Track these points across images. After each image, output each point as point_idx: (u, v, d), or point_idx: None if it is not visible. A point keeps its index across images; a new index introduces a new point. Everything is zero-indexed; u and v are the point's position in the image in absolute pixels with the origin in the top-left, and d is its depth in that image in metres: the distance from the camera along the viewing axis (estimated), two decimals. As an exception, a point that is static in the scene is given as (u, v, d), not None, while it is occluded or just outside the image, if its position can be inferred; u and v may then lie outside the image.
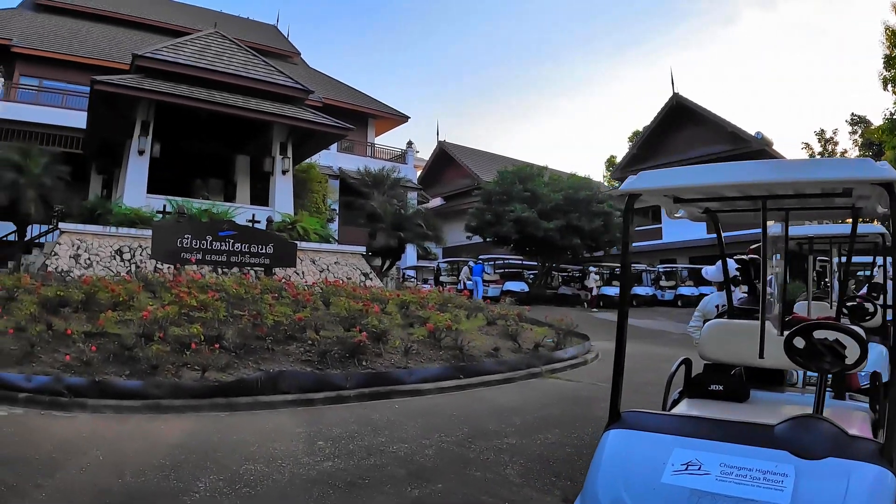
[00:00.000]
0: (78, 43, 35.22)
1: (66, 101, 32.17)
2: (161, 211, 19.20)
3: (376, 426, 7.67)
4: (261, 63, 23.43)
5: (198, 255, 15.83)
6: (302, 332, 10.95)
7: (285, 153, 22.75)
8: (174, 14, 42.12)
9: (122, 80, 20.08)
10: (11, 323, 9.86)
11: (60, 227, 17.36)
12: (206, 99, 20.55)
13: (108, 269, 16.57)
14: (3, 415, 7.40)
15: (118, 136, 23.21)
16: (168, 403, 8.06)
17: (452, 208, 46.21)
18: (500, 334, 13.51)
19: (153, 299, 12.09)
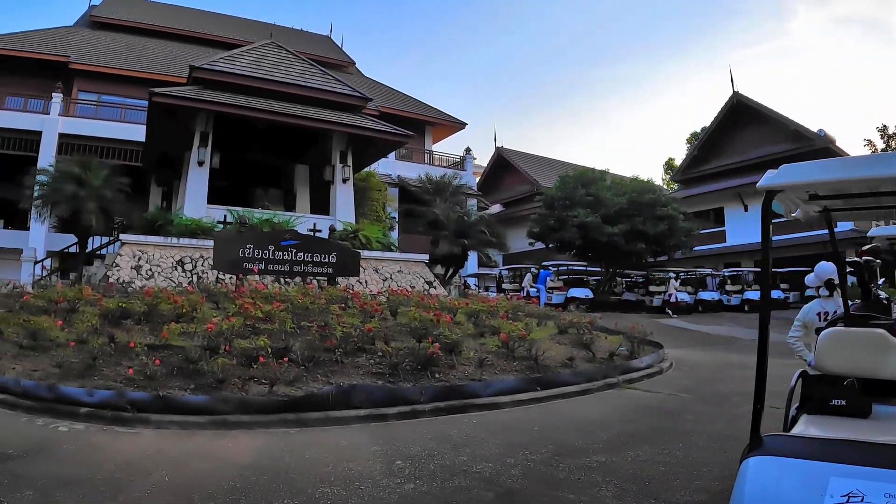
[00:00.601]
0: (134, 58, 36.04)
1: (124, 114, 32.99)
2: (222, 221, 19.15)
3: (455, 443, 7.20)
4: (318, 72, 23.39)
5: (260, 265, 15.63)
6: (371, 344, 10.56)
7: (345, 161, 22.59)
8: (229, 27, 42.81)
9: (179, 91, 20.22)
10: (73, 335, 9.74)
11: (122, 238, 17.42)
12: (264, 108, 20.51)
13: (169, 279, 16.50)
14: (63, 430, 7.17)
15: (177, 147, 23.38)
16: (235, 419, 7.71)
17: (512, 214, 45.70)
18: (572, 343, 12.96)
19: (216, 310, 11.93)
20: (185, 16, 44.10)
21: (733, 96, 41.72)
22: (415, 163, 39.52)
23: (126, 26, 40.05)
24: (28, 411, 7.73)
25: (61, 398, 7.79)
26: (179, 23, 42.16)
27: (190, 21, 42.96)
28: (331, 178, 22.48)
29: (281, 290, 14.43)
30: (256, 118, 20.97)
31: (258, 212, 20.31)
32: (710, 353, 15.43)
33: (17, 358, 9.34)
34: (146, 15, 42.19)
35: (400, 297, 14.72)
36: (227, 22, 44.86)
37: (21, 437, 6.79)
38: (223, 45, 34.75)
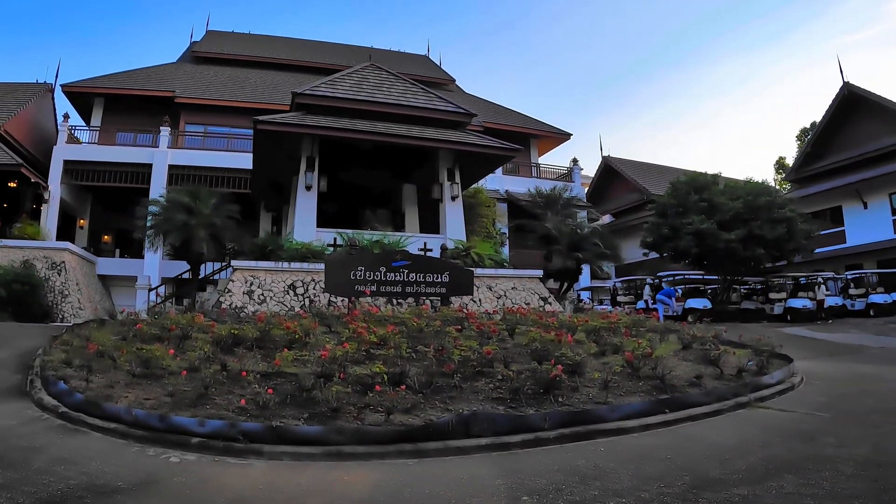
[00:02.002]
0: (237, 89, 37.71)
1: (230, 144, 34.35)
2: (332, 244, 19.38)
3: (584, 475, 6.71)
4: (419, 91, 23.55)
5: (372, 287, 15.57)
6: (490, 367, 10.19)
7: (453, 179, 22.51)
8: (327, 54, 43.97)
9: (283, 118, 20.73)
10: (185, 363, 9.77)
11: (233, 264, 17.77)
12: (368, 130, 20.70)
13: (281, 303, 16.68)
14: (174, 461, 7.10)
15: (284, 173, 23.92)
16: (350, 450, 7.46)
17: (623, 224, 44.84)
18: (697, 359, 12.26)
19: (329, 334, 11.86)
20: (283, 45, 45.59)
21: (844, 87, 40.09)
22: (522, 177, 39.51)
23: (227, 59, 42.10)
24: (139, 441, 7.74)
25: (173, 428, 7.77)
26: (278, 52, 43.65)
27: (289, 50, 44.34)
28: (439, 197, 22.49)
29: (394, 311, 14.34)
30: (361, 140, 21.18)
31: (368, 233, 20.38)
32: (839, 364, 14.54)
33: (129, 386, 9.44)
34: (245, 47, 44.00)
35: (516, 316, 14.40)
36: (325, 48, 46.02)
37: (131, 468, 6.77)
38: (323, 71, 35.49)
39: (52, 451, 7.31)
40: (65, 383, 9.66)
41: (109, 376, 10.01)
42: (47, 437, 7.94)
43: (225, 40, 45.70)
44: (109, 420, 8.28)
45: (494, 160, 24.36)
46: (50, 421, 8.78)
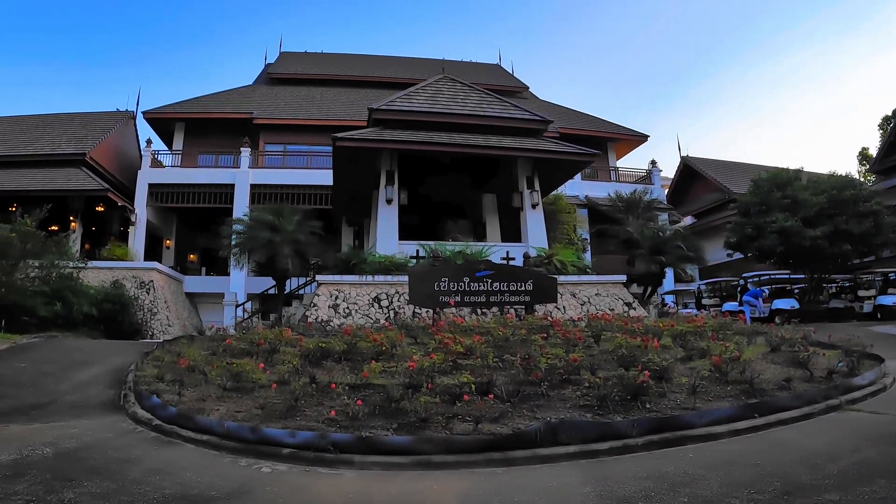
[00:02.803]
0: (313, 107, 38.65)
1: (309, 161, 34.86)
2: (414, 256, 19.62)
3: (673, 482, 6.57)
4: (494, 100, 23.69)
5: (456, 298, 15.61)
6: (577, 374, 10.12)
7: (532, 187, 22.56)
8: (400, 68, 44.44)
9: (361, 134, 21.13)
10: (275, 377, 9.98)
11: (318, 279, 18.13)
12: (446, 142, 20.99)
13: (366, 316, 16.89)
14: (266, 471, 7.23)
15: (364, 187, 24.30)
16: (439, 460, 7.48)
17: (705, 225, 43.89)
18: (786, 361, 11.90)
19: (415, 346, 11.93)
20: (355, 62, 46.30)
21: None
22: (600, 181, 39.33)
23: (301, 79, 43.11)
24: (231, 452, 7.92)
25: (264, 439, 7.91)
26: (351, 69, 44.35)
27: (361, 67, 45.02)
28: (519, 205, 22.58)
29: (479, 321, 14.35)
30: (439, 152, 21.49)
31: (450, 244, 20.53)
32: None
33: (220, 400, 9.70)
34: (318, 66, 44.97)
35: (601, 322, 14.38)
36: (397, 63, 46.50)
37: (224, 478, 6.92)
38: (397, 86, 35.93)
39: (147, 463, 7.53)
40: (158, 397, 9.95)
41: (201, 390, 10.31)
42: (142, 449, 8.18)
43: (298, 61, 46.79)
44: (202, 432, 8.49)
45: (573, 166, 24.26)
46: (144, 433, 9.04)
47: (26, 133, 37.26)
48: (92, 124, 37.54)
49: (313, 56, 48.81)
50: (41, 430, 9.35)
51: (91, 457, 7.80)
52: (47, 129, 37.42)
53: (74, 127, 37.38)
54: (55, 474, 7.06)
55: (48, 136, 36.28)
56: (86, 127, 37.11)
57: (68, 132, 36.64)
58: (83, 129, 36.75)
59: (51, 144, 35.10)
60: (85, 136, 35.48)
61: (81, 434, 9.01)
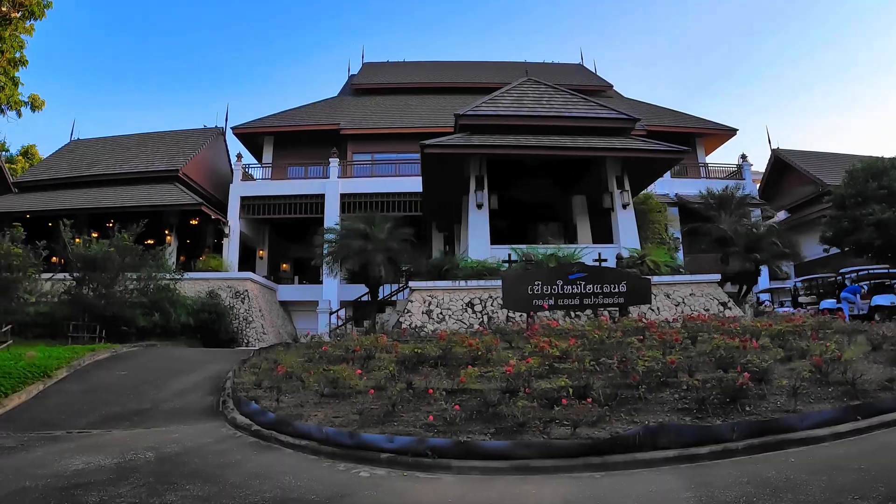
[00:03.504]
0: (399, 116, 39.01)
1: (398, 169, 35.25)
2: (506, 260, 19.55)
3: (775, 487, 6.33)
4: (580, 100, 23.52)
5: (549, 301, 15.42)
6: (674, 377, 9.88)
7: (622, 186, 22.25)
8: (482, 73, 44.51)
9: (449, 140, 21.23)
10: (372, 383, 10.06)
11: (411, 285, 18.29)
12: (534, 145, 20.89)
13: (460, 321, 16.90)
14: (365, 476, 7.25)
15: (453, 193, 24.31)
16: (538, 464, 7.40)
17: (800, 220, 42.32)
18: (888, 361, 11.32)
19: (509, 350, 11.87)
20: (438, 69, 46.52)
21: None
22: (690, 178, 38.40)
23: (385, 88, 43.69)
24: (329, 457, 7.99)
25: (362, 444, 7.96)
26: (434, 77, 44.61)
27: (444, 73, 45.22)
28: (610, 206, 22.29)
29: (573, 325, 14.26)
30: (527, 155, 21.42)
31: (542, 247, 20.45)
32: None
33: (318, 406, 9.80)
34: (402, 75, 45.47)
35: (697, 323, 14.10)
36: (480, 67, 46.57)
37: (323, 482, 6.96)
38: (481, 90, 36.09)
39: (247, 467, 7.65)
40: (257, 403, 10.13)
41: (298, 396, 10.45)
42: (242, 454, 8.32)
43: (381, 70, 47.37)
44: (300, 437, 8.59)
45: (662, 164, 23.91)
46: (243, 438, 9.22)
47: (122, 153, 39.07)
48: (183, 141, 38.99)
49: (395, 65, 49.31)
50: (143, 435, 9.62)
51: (192, 461, 7.99)
52: (141, 148, 39.11)
53: (167, 145, 38.87)
54: (157, 478, 7.26)
55: (142, 155, 37.87)
56: (178, 144, 38.55)
57: (161, 150, 38.12)
58: (175, 147, 38.18)
59: (145, 162, 36.58)
60: (177, 153, 36.83)
61: (182, 439, 9.24)
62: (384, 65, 49.43)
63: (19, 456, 8.61)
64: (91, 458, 8.26)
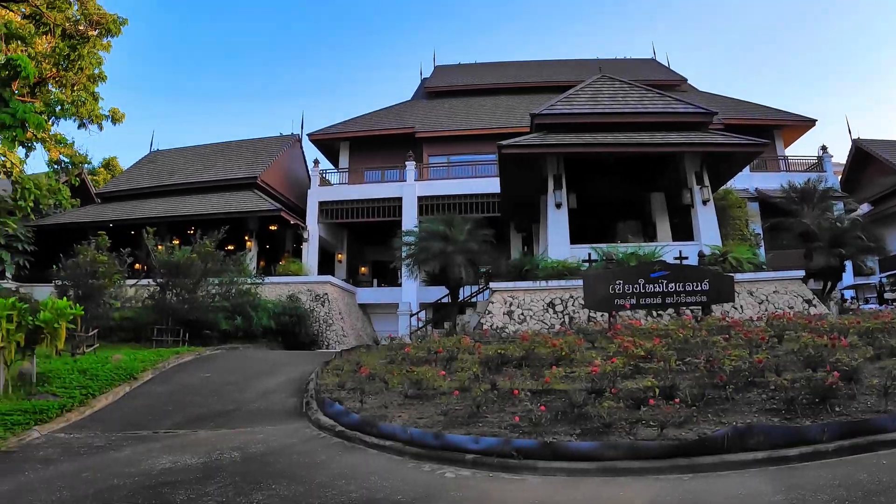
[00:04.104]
0: (473, 117, 39.02)
1: (474, 170, 35.03)
2: (586, 260, 19.34)
3: (867, 490, 6.09)
4: (655, 95, 23.23)
5: (631, 300, 15.21)
6: (761, 377, 9.62)
7: (702, 182, 21.87)
8: (554, 71, 44.18)
9: (526, 140, 21.18)
10: (455, 384, 10.07)
11: (492, 286, 18.35)
12: (611, 142, 20.74)
13: (541, 322, 16.83)
14: (450, 477, 7.23)
15: (530, 193, 24.30)
16: (624, 466, 7.27)
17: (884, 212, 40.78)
18: (982, 357, 10.85)
19: (592, 350, 11.74)
20: (509, 70, 46.40)
21: None
22: (769, 172, 37.31)
23: (458, 90, 43.66)
24: (414, 458, 7.99)
25: (447, 445, 7.95)
26: (506, 77, 44.52)
27: (515, 73, 45.09)
28: (689, 202, 21.95)
29: (656, 324, 14.09)
30: (604, 153, 21.20)
31: (622, 246, 20.26)
32: None
33: (402, 407, 9.83)
34: (474, 76, 45.41)
35: (782, 321, 13.72)
36: (551, 66, 46.25)
37: (409, 483, 6.97)
38: (554, 89, 36.00)
39: (333, 467, 7.70)
40: (341, 404, 10.22)
41: (382, 397, 10.51)
42: (327, 454, 8.39)
43: (453, 73, 47.39)
44: (385, 438, 8.62)
45: (742, 158, 23.37)
46: (327, 439, 9.30)
47: (200, 162, 40.20)
48: (260, 149, 39.81)
49: (466, 67, 49.27)
50: (228, 436, 9.77)
51: (277, 461, 8.08)
52: (219, 157, 40.15)
53: (244, 153, 39.77)
54: (244, 477, 7.37)
55: (221, 164, 38.87)
56: (255, 152, 39.37)
57: (239, 158, 39.06)
58: (253, 155, 39.01)
59: (224, 171, 37.55)
60: (255, 161, 37.62)
61: (267, 439, 9.36)
62: (455, 67, 49.49)
63: (108, 455, 8.85)
64: (177, 457, 8.45)
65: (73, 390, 12.49)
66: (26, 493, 7.16)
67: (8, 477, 7.86)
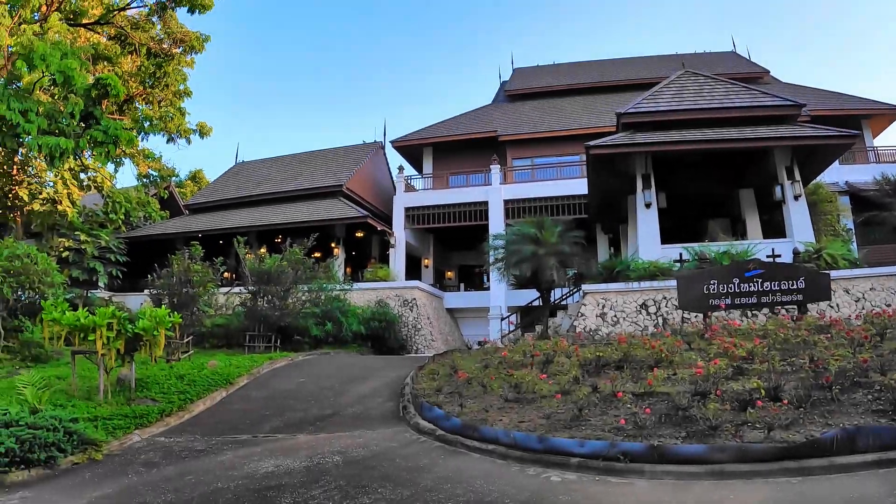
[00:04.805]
0: (555, 119, 38.84)
1: (559, 172, 34.90)
2: (677, 260, 19.04)
3: None
4: (741, 89, 22.87)
5: (726, 300, 14.93)
6: (865, 377, 9.28)
7: (792, 177, 21.34)
8: (635, 69, 43.59)
9: (613, 140, 21.03)
10: (555, 387, 9.99)
11: (584, 288, 18.29)
12: (699, 139, 20.47)
13: (634, 323, 16.69)
14: (556, 481, 7.16)
15: (617, 193, 24.13)
16: (732, 469, 7.10)
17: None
18: None
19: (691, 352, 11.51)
20: (588, 69, 45.88)
21: None
22: (858, 164, 35.69)
23: (538, 92, 43.37)
24: (518, 462, 7.95)
25: (552, 449, 7.88)
26: (586, 77, 44.06)
27: (595, 72, 44.60)
28: (780, 198, 21.40)
29: (753, 324, 13.86)
30: (692, 150, 20.89)
31: (713, 245, 19.91)
32: None
33: (502, 410, 9.79)
34: (554, 77, 45.08)
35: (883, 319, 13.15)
36: (631, 64, 45.56)
37: (515, 487, 6.93)
38: (635, 87, 35.98)
39: (437, 471, 7.73)
40: (440, 408, 10.25)
41: (480, 401, 10.48)
42: (429, 458, 8.42)
43: (532, 75, 47.04)
44: (487, 442, 8.60)
45: (834, 150, 22.66)
46: (428, 443, 9.32)
47: (285, 171, 41.12)
48: (344, 157, 40.50)
49: (545, 68, 48.82)
50: (328, 440, 9.87)
51: (380, 465, 8.13)
52: (304, 167, 40.98)
53: (328, 161, 40.48)
54: (348, 481, 7.44)
55: (306, 173, 39.63)
56: (339, 160, 40.07)
57: (324, 167, 39.78)
58: (337, 163, 39.70)
59: (309, 179, 38.31)
60: (339, 169, 38.28)
61: (367, 443, 9.44)
62: (534, 69, 49.17)
63: (209, 459, 9.05)
64: (279, 461, 8.58)
65: (172, 395, 12.85)
66: (132, 495, 7.42)
67: (112, 479, 8.16)
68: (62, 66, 16.19)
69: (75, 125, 17.41)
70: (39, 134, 16.24)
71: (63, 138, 16.58)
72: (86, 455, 9.26)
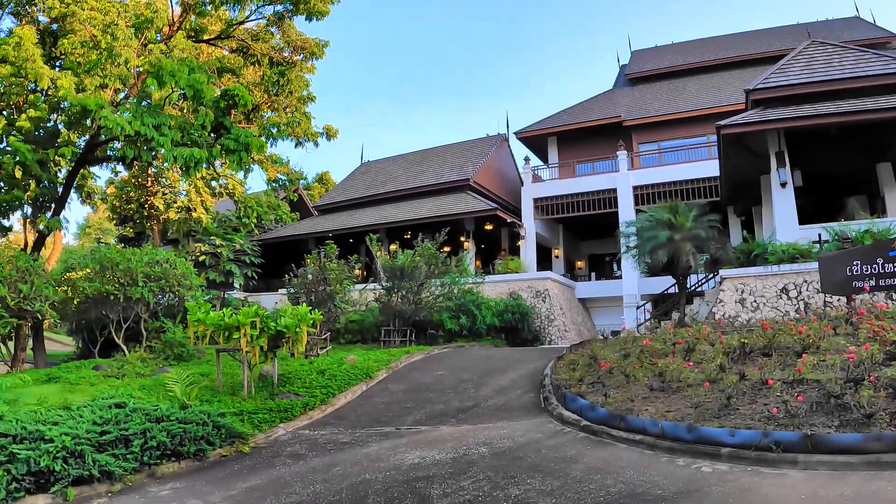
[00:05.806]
0: (680, 100, 37.75)
1: (687, 155, 34.07)
2: (816, 241, 18.16)
3: None
4: (872, 56, 21.57)
5: (870, 282, 14.11)
6: None
7: (937, 147, 19.91)
8: (758, 43, 41.62)
9: (744, 118, 20.27)
10: (701, 375, 9.79)
11: (721, 273, 17.78)
12: (834, 111, 19.44)
13: (775, 309, 16.18)
14: (707, 471, 7.07)
15: (750, 174, 23.30)
16: (889, 459, 6.78)
17: None
18: None
19: (837, 337, 11.03)
20: (709, 46, 44.23)
21: None
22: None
23: (659, 74, 42.29)
24: (667, 452, 7.88)
25: (701, 439, 7.76)
26: (707, 55, 42.48)
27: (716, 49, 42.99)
28: (925, 171, 20.06)
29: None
30: (827, 124, 19.96)
31: (854, 224, 18.90)
32: None
33: (647, 400, 9.68)
34: (674, 57, 43.68)
35: None
36: (752, 38, 43.62)
37: (667, 477, 6.89)
38: (759, 62, 35.13)
39: (585, 462, 7.74)
40: (584, 399, 10.22)
41: (624, 391, 10.37)
42: (575, 449, 8.43)
43: (651, 56, 45.78)
44: (634, 432, 8.53)
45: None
46: (572, 433, 9.33)
47: (410, 168, 41.65)
48: (468, 151, 40.59)
49: (665, 48, 47.38)
50: (471, 431, 9.99)
51: (527, 456, 8.19)
52: (428, 163, 41.33)
53: (453, 156, 40.70)
54: (496, 472, 7.53)
55: (432, 169, 39.95)
56: (463, 154, 40.19)
57: (448, 162, 40.00)
58: (461, 157, 39.87)
59: (435, 175, 38.60)
60: (465, 163, 38.39)
61: (511, 434, 9.52)
62: (653, 50, 47.84)
63: (355, 450, 9.28)
64: (425, 452, 8.73)
65: (315, 389, 13.29)
66: (281, 486, 7.69)
67: (260, 471, 8.49)
68: (191, 81, 16.93)
69: (206, 136, 18.21)
70: (173, 146, 17.01)
71: (196, 149, 17.34)
72: (233, 448, 9.69)
